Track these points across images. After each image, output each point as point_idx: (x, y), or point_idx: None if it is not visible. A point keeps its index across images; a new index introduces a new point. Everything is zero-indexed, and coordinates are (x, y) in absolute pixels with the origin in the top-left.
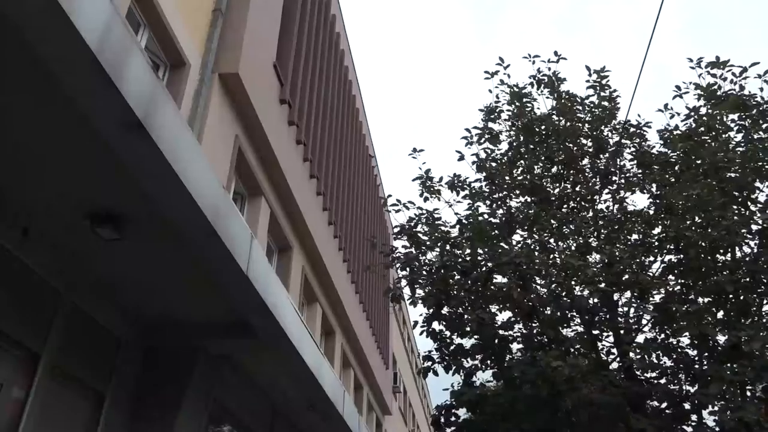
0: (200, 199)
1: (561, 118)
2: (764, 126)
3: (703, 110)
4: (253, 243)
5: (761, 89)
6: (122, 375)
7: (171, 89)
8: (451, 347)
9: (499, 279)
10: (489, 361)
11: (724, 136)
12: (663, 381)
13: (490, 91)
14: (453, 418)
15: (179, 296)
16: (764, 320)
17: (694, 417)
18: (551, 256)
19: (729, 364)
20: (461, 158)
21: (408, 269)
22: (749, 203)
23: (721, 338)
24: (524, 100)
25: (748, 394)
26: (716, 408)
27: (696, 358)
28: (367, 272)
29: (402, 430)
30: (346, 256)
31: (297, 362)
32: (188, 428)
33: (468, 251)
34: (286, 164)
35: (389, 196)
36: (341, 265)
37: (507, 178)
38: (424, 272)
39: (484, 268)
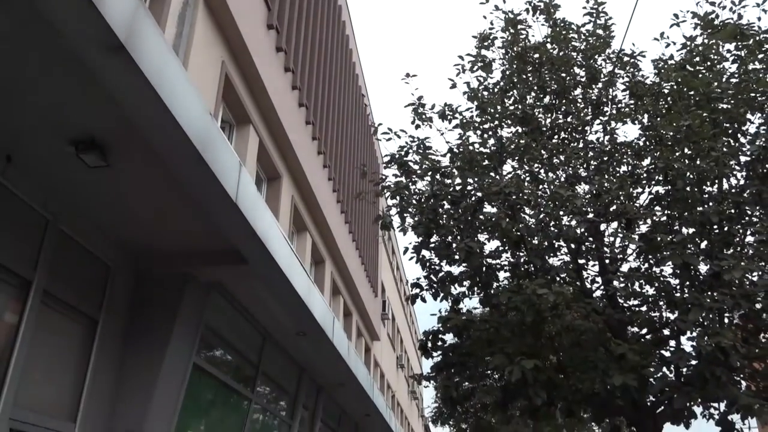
0: (187, 126)
1: (555, 47)
2: (760, 56)
3: (699, 40)
4: (242, 171)
5: (759, 18)
6: (114, 301)
7: (154, 12)
8: (440, 275)
9: (488, 208)
10: (476, 289)
11: (718, 66)
12: (644, 309)
13: (485, 17)
14: (440, 343)
15: (168, 224)
16: (745, 250)
17: (672, 342)
18: (540, 186)
19: (709, 293)
20: (453, 86)
21: (398, 198)
22: (739, 135)
23: (703, 268)
24: (519, 27)
25: (726, 321)
26: (694, 334)
27: (677, 287)
28: (356, 201)
29: (390, 355)
30: (336, 185)
31: (287, 289)
32: (180, 353)
33: (458, 181)
34: (274, 92)
35: (380, 124)
36: (331, 194)
37: (498, 107)
38: (414, 201)
39: (473, 198)
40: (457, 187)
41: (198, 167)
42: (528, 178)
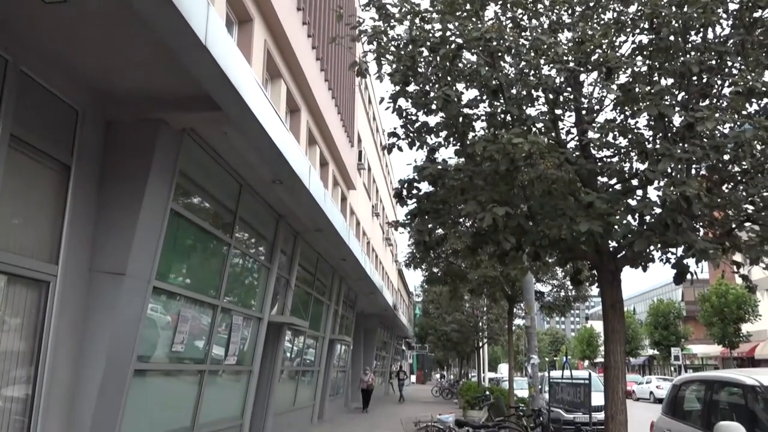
0: None
1: None
2: None
3: None
4: (210, 11)
5: None
6: (85, 147)
7: None
8: (416, 124)
9: (467, 56)
10: (452, 139)
11: None
12: (615, 159)
13: None
14: (415, 191)
15: (136, 68)
16: (720, 102)
17: (639, 192)
18: (522, 33)
19: (681, 144)
20: None
21: (375, 43)
22: None
23: (678, 120)
24: None
25: (693, 172)
26: (662, 184)
27: (650, 138)
28: (333, 48)
29: (366, 204)
30: (311, 30)
31: (261, 137)
32: (156, 197)
33: (438, 26)
34: None
35: None
36: (306, 40)
37: None
38: (392, 47)
39: (453, 45)
40: (437, 33)
41: (162, 5)
42: (510, 25)
